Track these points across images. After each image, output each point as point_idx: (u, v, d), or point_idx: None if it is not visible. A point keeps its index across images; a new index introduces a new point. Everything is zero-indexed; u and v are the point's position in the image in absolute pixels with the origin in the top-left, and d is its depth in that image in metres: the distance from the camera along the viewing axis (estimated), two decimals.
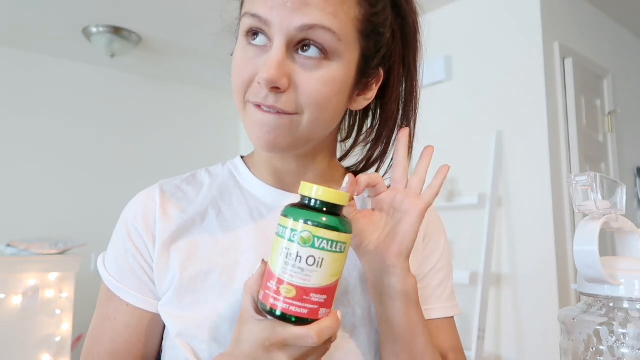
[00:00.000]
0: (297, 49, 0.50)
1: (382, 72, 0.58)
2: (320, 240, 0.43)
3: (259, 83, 0.50)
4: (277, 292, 0.44)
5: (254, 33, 0.51)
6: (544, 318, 2.08)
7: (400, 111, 0.63)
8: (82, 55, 3.22)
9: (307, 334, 0.43)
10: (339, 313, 0.46)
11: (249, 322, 0.45)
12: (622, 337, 0.42)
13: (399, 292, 0.52)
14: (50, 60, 3.24)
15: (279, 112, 0.51)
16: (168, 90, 3.74)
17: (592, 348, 0.43)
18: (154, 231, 0.58)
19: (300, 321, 0.44)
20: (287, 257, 0.43)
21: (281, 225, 0.45)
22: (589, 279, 0.45)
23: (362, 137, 0.67)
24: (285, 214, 0.45)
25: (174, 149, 3.69)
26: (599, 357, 0.43)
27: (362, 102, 0.59)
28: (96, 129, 3.38)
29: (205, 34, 2.79)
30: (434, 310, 0.64)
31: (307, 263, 0.43)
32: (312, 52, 0.50)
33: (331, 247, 0.44)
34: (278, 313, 0.44)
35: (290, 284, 0.43)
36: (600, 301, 0.45)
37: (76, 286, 2.29)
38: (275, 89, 0.49)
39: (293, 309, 0.43)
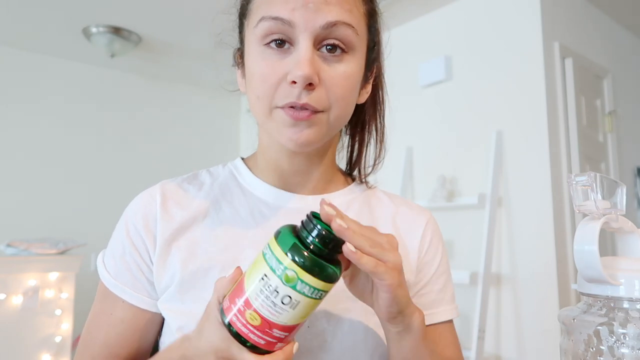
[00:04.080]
0: (320, 47, 0.53)
1: (375, 68, 0.62)
2: (303, 284, 0.41)
3: (292, 82, 0.51)
4: (242, 314, 0.42)
5: (272, 36, 0.52)
6: (544, 318, 2.08)
7: (370, 103, 0.67)
8: (82, 55, 3.22)
9: None
10: (295, 346, 0.45)
11: (212, 322, 0.46)
12: (622, 337, 0.42)
13: (403, 336, 0.51)
14: (50, 60, 3.24)
15: (311, 112, 0.53)
16: (168, 90, 3.74)
17: (592, 348, 0.43)
18: (154, 231, 0.59)
19: (255, 348, 0.43)
20: (264, 286, 0.42)
21: (270, 248, 0.43)
22: (589, 279, 0.45)
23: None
24: (277, 239, 0.43)
25: (174, 149, 3.69)
26: (599, 357, 0.43)
27: (364, 96, 0.62)
28: (96, 129, 3.39)
29: (205, 34, 2.79)
30: (438, 313, 0.65)
31: (282, 301, 0.41)
32: (335, 48, 0.53)
33: (311, 293, 0.42)
34: (234, 332, 0.43)
35: (257, 312, 0.42)
36: (600, 301, 0.45)
37: (76, 286, 2.29)
38: (309, 86, 0.51)
39: (252, 336, 0.42)
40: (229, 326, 0.43)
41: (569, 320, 0.46)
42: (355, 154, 0.70)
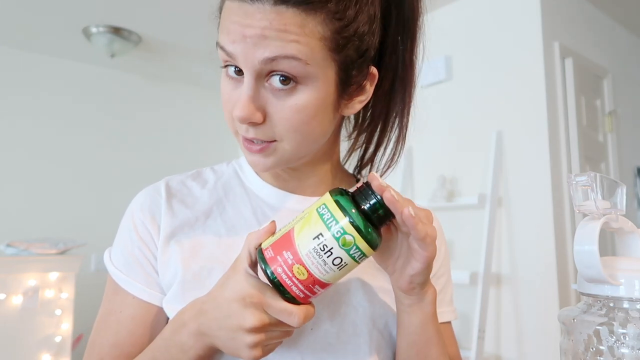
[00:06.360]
0: (267, 79, 0.50)
1: (374, 70, 0.57)
2: (357, 250, 0.44)
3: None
4: (290, 267, 0.44)
5: (225, 64, 0.52)
6: (544, 318, 2.08)
7: (397, 101, 0.63)
8: (82, 55, 3.22)
9: (295, 313, 0.45)
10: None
11: (240, 273, 0.47)
12: (622, 337, 0.42)
13: (414, 309, 0.54)
14: (50, 60, 3.24)
15: (263, 143, 0.53)
16: (168, 90, 3.74)
17: (592, 348, 0.43)
18: (159, 222, 0.59)
19: (292, 300, 0.45)
20: (318, 244, 0.44)
21: (328, 210, 0.45)
22: (589, 279, 0.45)
23: (354, 133, 0.67)
24: (338, 201, 0.45)
25: (174, 149, 3.69)
26: (599, 357, 0.43)
27: (356, 106, 0.58)
28: (96, 129, 3.39)
29: (206, 34, 2.79)
30: (438, 314, 0.64)
31: (332, 262, 0.44)
32: (281, 81, 0.49)
33: (358, 257, 0.45)
34: (276, 281, 0.45)
35: (306, 268, 0.44)
36: (600, 301, 0.45)
37: (76, 286, 2.29)
38: (252, 123, 0.51)
39: (294, 288, 0.45)
40: (272, 277, 0.45)
41: (569, 320, 0.46)
42: (368, 155, 0.67)
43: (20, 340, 2.12)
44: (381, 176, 0.66)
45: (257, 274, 0.48)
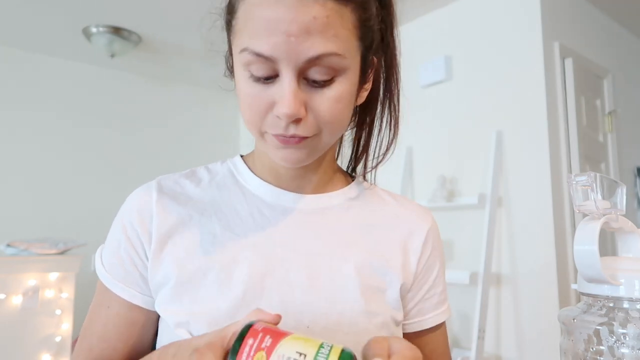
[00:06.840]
0: (306, 75, 0.50)
1: (375, 60, 0.59)
2: None
3: (278, 117, 0.50)
4: (257, 347, 0.40)
5: (255, 68, 0.51)
6: (544, 318, 2.08)
7: (382, 87, 0.65)
8: (82, 55, 3.22)
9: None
10: None
11: (216, 330, 0.44)
12: (622, 337, 0.42)
13: None
14: (50, 60, 3.24)
15: (301, 138, 0.52)
16: (168, 90, 3.74)
17: (592, 348, 0.43)
18: (149, 227, 0.59)
19: None
20: None
21: (327, 356, 0.41)
22: (589, 279, 0.45)
23: (353, 122, 0.68)
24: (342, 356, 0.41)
25: (174, 149, 3.69)
26: (599, 357, 0.43)
27: (364, 94, 0.60)
28: (96, 129, 3.39)
29: (205, 34, 2.79)
30: (442, 313, 0.67)
31: None
32: (321, 76, 0.50)
33: None
34: (236, 348, 0.40)
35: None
36: (600, 301, 0.45)
37: (76, 286, 2.29)
38: (296, 120, 0.51)
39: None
40: (238, 343, 0.41)
41: (569, 320, 0.46)
42: (361, 147, 0.68)
43: (20, 340, 2.12)
44: (378, 164, 0.67)
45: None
